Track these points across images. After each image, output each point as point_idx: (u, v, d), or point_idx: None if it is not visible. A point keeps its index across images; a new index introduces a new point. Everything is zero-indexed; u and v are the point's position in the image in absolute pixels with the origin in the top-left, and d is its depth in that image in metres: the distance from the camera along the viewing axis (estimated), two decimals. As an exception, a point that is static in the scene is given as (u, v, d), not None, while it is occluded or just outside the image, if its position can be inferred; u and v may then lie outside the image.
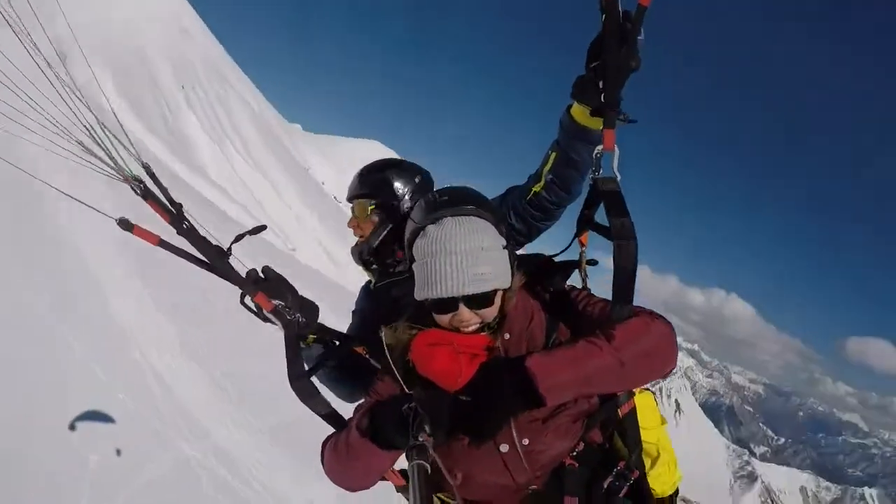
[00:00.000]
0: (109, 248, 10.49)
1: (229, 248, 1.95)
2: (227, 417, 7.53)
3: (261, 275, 2.04)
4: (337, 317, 3.22)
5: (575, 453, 1.76)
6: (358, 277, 2.75)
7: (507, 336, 1.75)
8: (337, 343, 2.29)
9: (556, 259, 2.13)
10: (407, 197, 2.49)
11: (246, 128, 45.88)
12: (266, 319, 2.04)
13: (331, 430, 1.91)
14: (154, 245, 1.80)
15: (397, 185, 2.49)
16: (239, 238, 1.99)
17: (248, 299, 2.00)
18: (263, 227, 2.18)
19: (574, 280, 2.15)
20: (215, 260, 1.90)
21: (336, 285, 19.63)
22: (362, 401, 1.85)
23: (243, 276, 1.98)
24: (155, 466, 6.00)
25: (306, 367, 2.13)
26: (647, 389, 2.06)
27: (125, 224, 1.79)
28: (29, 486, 4.96)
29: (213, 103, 43.82)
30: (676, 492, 2.17)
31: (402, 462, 1.59)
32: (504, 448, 1.68)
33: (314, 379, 2.15)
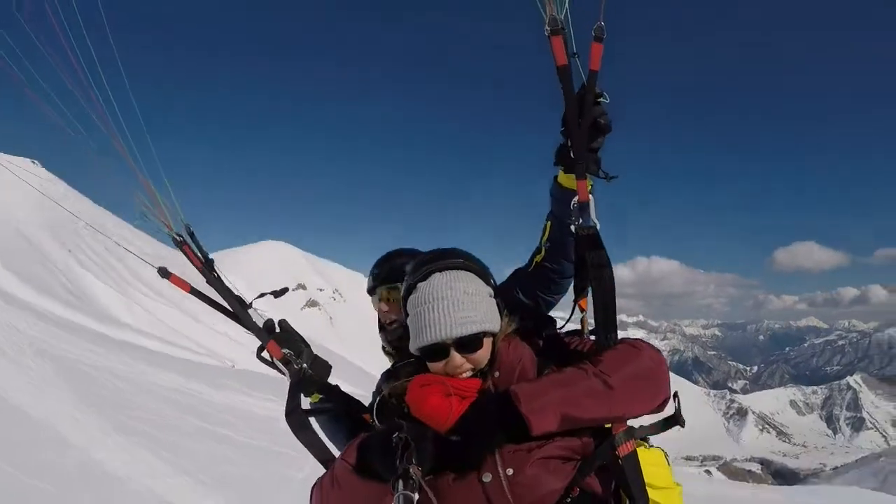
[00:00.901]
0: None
1: (251, 303, 2.09)
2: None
3: (277, 327, 2.18)
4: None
5: (569, 500, 1.63)
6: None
7: (496, 374, 1.76)
8: (342, 403, 2.25)
9: (561, 329, 2.18)
10: None
11: (148, 273, 47.19)
12: (276, 368, 2.11)
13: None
14: (186, 292, 1.99)
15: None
16: (262, 295, 2.17)
17: (265, 353, 2.13)
18: (286, 290, 2.34)
19: None
20: (237, 309, 2.04)
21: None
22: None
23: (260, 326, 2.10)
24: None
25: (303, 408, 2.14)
26: (656, 446, 2.00)
27: (164, 273, 2.00)
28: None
29: (103, 256, 45.07)
30: None
31: None
32: (487, 478, 1.60)
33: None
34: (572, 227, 1.93)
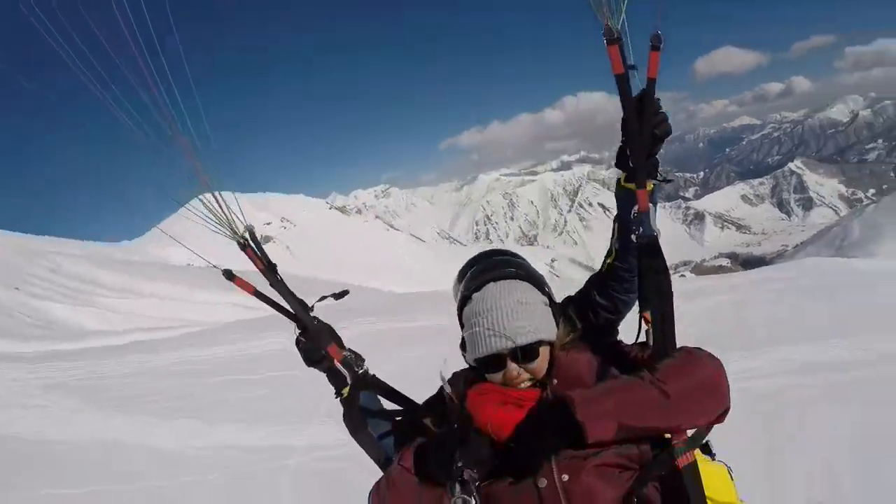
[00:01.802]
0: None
1: (313, 306, 2.11)
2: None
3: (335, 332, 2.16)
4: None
5: None
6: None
7: (555, 382, 1.77)
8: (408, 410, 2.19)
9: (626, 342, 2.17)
10: None
11: (100, 276, 46.61)
12: (340, 380, 2.10)
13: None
14: (250, 293, 2.02)
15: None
16: (322, 299, 2.19)
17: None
18: (346, 292, 2.33)
19: None
20: (299, 311, 2.05)
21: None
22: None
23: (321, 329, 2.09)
24: None
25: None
26: (720, 461, 1.99)
27: (228, 275, 2.05)
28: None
29: (51, 279, 44.19)
30: None
31: None
32: (542, 483, 1.60)
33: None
34: (633, 237, 1.94)
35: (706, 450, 2.09)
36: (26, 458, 8.47)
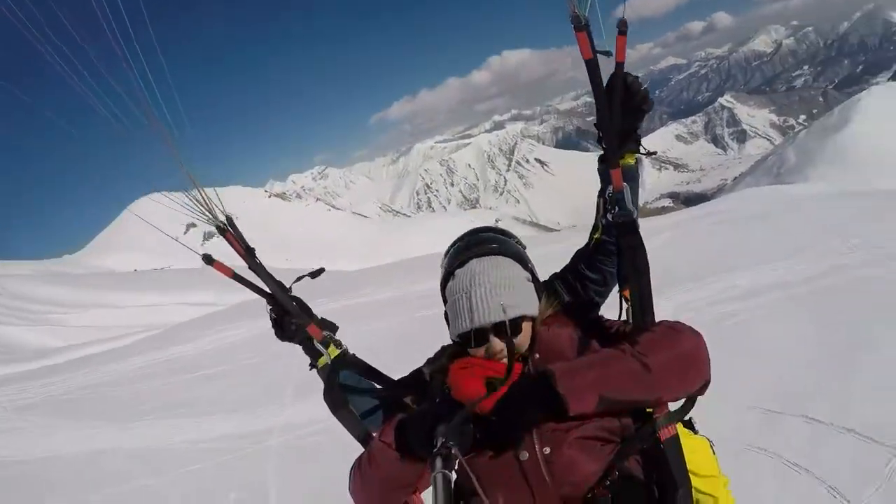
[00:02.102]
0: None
1: (290, 287, 2.14)
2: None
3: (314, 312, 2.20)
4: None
5: (609, 482, 1.62)
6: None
7: (536, 356, 1.79)
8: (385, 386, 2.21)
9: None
10: None
11: (49, 293, 45.43)
12: (315, 351, 2.13)
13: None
14: (229, 277, 2.04)
15: None
16: (299, 279, 2.21)
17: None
18: (322, 270, 2.37)
19: None
20: (277, 293, 2.08)
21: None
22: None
23: (299, 309, 2.13)
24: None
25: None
26: (702, 435, 2.03)
27: (208, 259, 2.05)
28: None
29: (1, 304, 42.93)
30: None
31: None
32: (524, 456, 1.63)
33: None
34: (609, 216, 1.97)
35: (688, 425, 2.18)
36: (8, 481, 8.47)
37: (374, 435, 1.82)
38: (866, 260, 10.13)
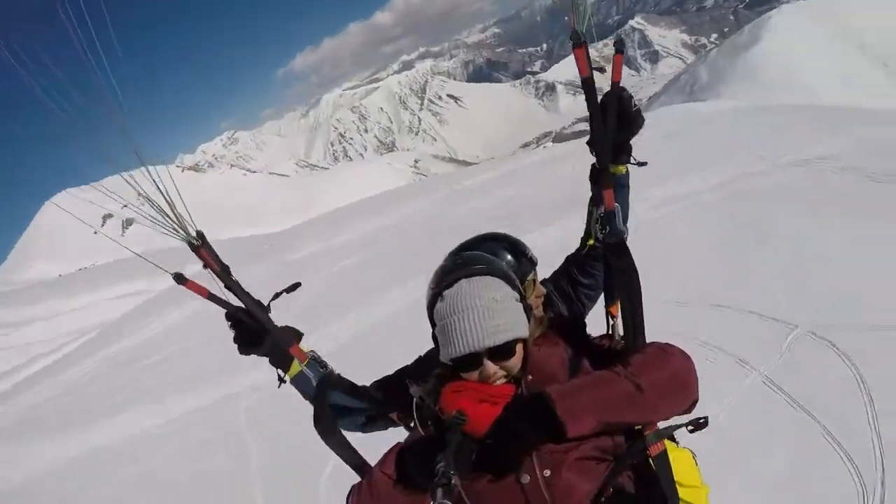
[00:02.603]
0: None
1: (269, 304, 2.08)
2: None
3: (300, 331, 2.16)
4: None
5: (603, 500, 1.66)
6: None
7: (529, 378, 1.79)
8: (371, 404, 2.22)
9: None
10: None
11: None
12: (284, 361, 2.09)
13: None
14: (204, 297, 1.93)
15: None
16: (276, 296, 2.14)
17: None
18: (298, 285, 2.26)
19: None
20: (257, 313, 2.01)
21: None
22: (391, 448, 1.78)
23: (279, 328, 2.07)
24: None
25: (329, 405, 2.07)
26: (685, 447, 2.08)
27: (180, 278, 1.94)
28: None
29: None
30: None
31: None
32: (525, 479, 1.63)
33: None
34: (599, 235, 1.97)
35: (670, 436, 2.19)
36: None
37: (374, 466, 1.78)
38: (770, 168, 11.10)
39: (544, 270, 2.40)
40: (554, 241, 9.96)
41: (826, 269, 6.51)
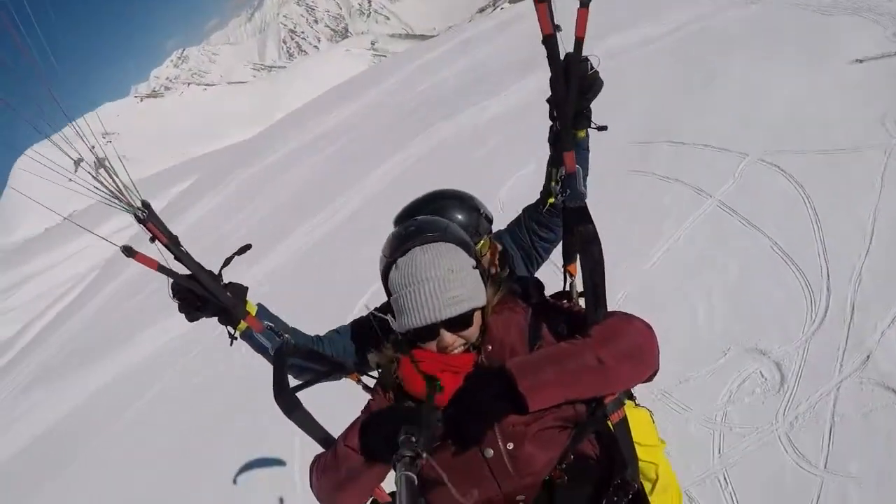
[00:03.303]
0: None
1: (220, 272, 2.01)
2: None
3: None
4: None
5: (564, 466, 1.69)
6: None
7: (489, 348, 1.76)
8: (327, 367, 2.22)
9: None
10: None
11: None
12: (232, 319, 2.04)
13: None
14: (153, 270, 1.86)
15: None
16: (227, 262, 2.07)
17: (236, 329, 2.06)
18: (249, 247, 2.18)
19: None
20: (208, 283, 1.96)
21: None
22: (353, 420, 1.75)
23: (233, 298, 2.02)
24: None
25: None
26: (644, 407, 2.07)
27: (128, 251, 1.87)
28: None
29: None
30: None
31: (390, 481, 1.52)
32: (489, 453, 1.64)
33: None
34: (559, 198, 1.97)
35: (629, 394, 2.28)
36: (44, 444, 9.30)
37: (338, 439, 1.74)
38: (723, 8, 11.14)
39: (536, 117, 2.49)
40: (536, 90, 10.56)
41: (774, 102, 6.83)
